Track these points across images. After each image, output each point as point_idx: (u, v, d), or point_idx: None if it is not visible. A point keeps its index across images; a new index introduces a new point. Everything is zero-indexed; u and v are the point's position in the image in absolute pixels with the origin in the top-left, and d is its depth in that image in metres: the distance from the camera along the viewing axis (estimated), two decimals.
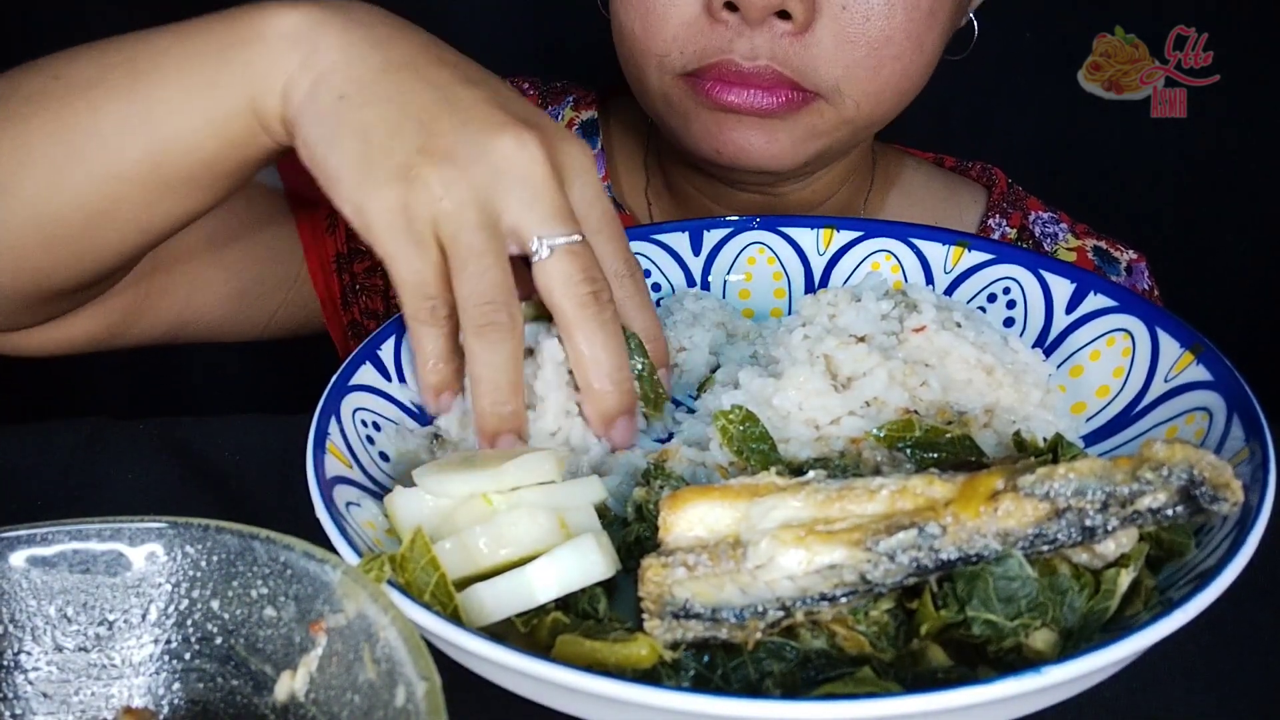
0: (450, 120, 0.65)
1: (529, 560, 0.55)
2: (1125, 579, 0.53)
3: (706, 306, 0.83)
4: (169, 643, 0.50)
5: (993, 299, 0.82)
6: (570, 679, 0.47)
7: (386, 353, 0.73)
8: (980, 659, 0.52)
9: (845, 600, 0.52)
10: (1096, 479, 0.52)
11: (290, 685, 0.48)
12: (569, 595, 0.55)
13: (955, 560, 0.52)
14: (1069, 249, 1.14)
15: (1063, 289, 0.79)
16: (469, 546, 0.56)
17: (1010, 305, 0.82)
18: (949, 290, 0.84)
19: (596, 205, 0.69)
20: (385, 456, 0.68)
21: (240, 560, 0.49)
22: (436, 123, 0.65)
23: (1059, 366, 0.76)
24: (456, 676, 0.49)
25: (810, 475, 0.56)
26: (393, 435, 0.69)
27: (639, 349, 0.70)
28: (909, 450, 0.64)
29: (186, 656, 0.50)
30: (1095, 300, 0.77)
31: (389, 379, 0.72)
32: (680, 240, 0.88)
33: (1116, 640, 0.48)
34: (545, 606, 0.55)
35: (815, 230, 0.87)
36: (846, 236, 0.87)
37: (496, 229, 0.65)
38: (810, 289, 0.86)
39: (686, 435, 0.72)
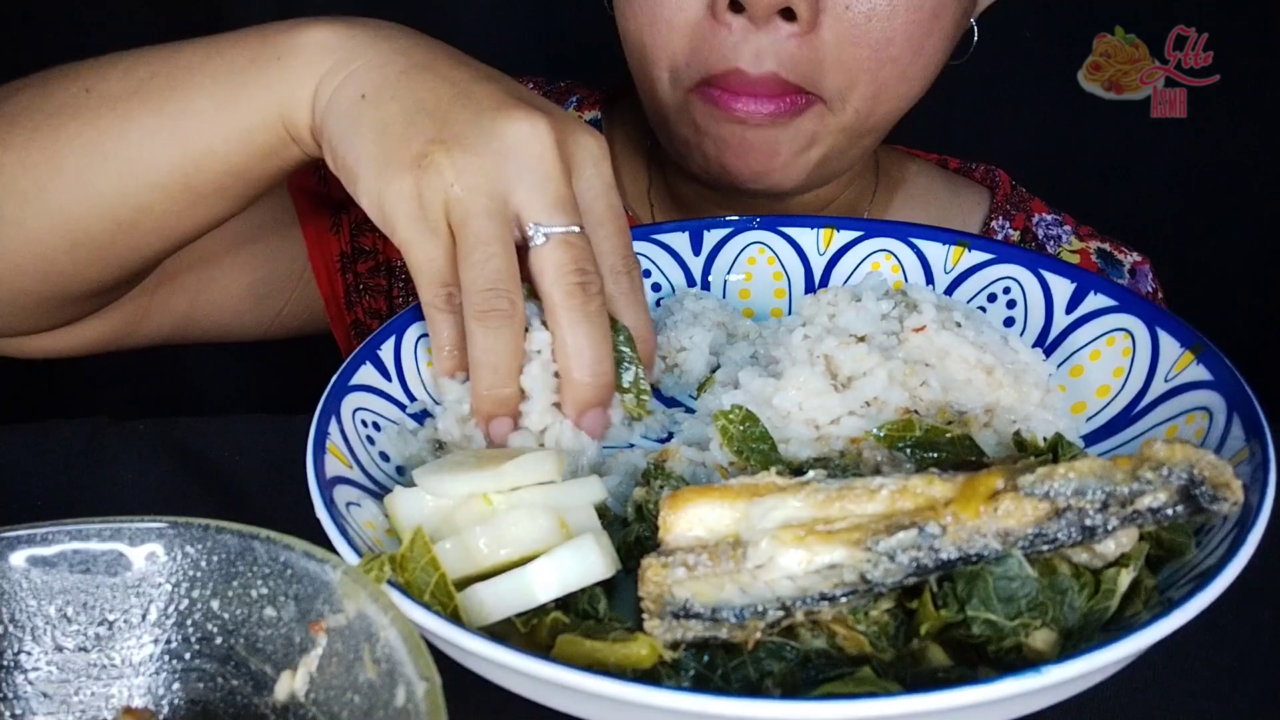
0: (464, 111, 0.67)
1: (529, 560, 0.55)
2: (1125, 579, 0.53)
3: (706, 306, 0.83)
4: (169, 643, 0.50)
5: (993, 299, 0.82)
6: (570, 679, 0.47)
7: (386, 353, 0.73)
8: (980, 659, 0.52)
9: (845, 600, 0.52)
10: (1096, 479, 0.52)
11: (290, 685, 0.48)
12: (569, 595, 0.55)
13: (955, 560, 0.52)
14: (1072, 251, 1.14)
15: (1063, 289, 0.79)
16: (469, 546, 0.56)
17: (1010, 305, 0.82)
18: (949, 290, 0.84)
19: (602, 199, 0.69)
20: (385, 456, 0.68)
21: (240, 560, 0.49)
22: (451, 113, 0.66)
23: (1059, 366, 0.76)
24: (456, 676, 0.49)
25: (810, 475, 0.56)
26: (394, 438, 0.69)
27: (628, 341, 0.70)
28: (909, 450, 0.64)
29: (186, 656, 0.50)
30: (1095, 300, 0.77)
31: (389, 379, 0.72)
32: (680, 240, 0.88)
33: (1116, 640, 0.48)
34: (545, 606, 0.55)
35: (815, 230, 0.87)
36: (846, 236, 0.87)
37: (504, 215, 0.66)
38: (810, 289, 0.86)
39: (686, 435, 0.72)
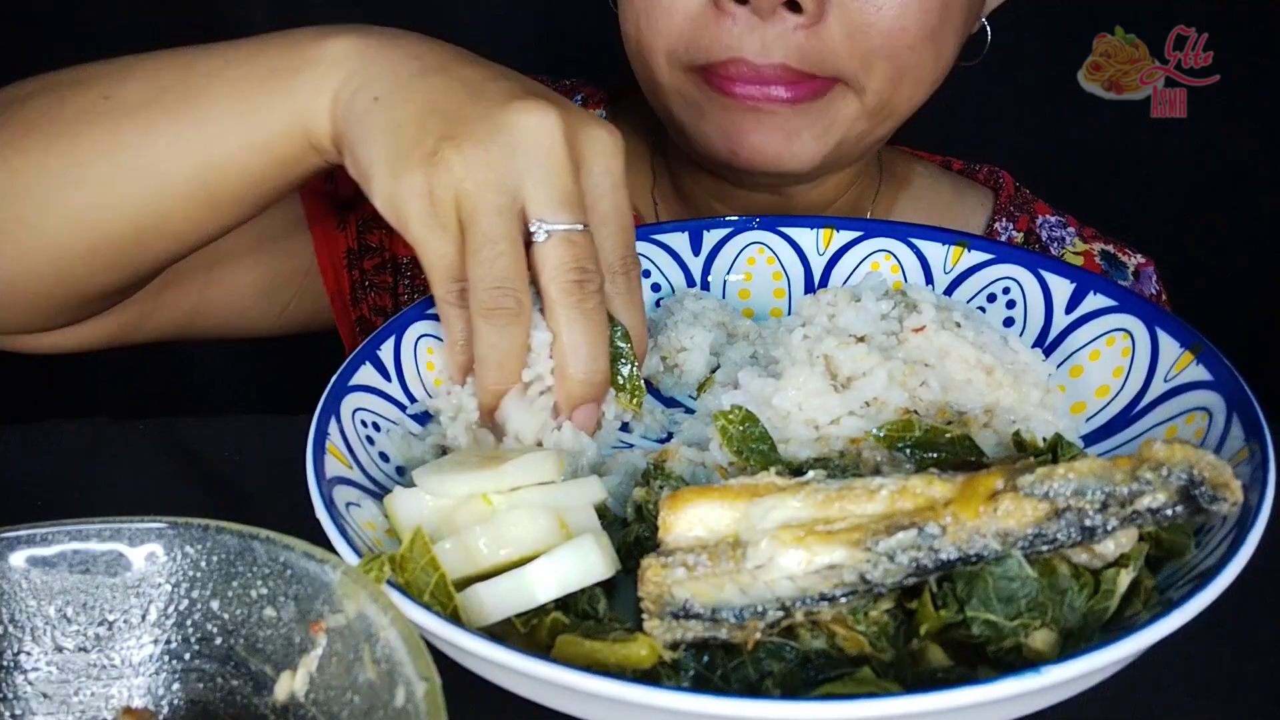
0: (476, 108, 0.67)
1: (529, 560, 0.55)
2: (1125, 579, 0.53)
3: (706, 306, 0.82)
4: (169, 643, 0.50)
5: (992, 299, 0.82)
6: (570, 679, 0.47)
7: (386, 353, 0.73)
8: (980, 659, 0.52)
9: (845, 600, 0.52)
10: (1096, 479, 0.52)
11: (290, 685, 0.48)
12: (569, 595, 0.55)
13: (955, 560, 0.52)
14: (1076, 253, 1.13)
15: (1062, 289, 0.79)
16: (469, 546, 0.56)
17: (1010, 305, 0.82)
18: (949, 290, 0.84)
19: (609, 196, 0.69)
20: (385, 457, 0.68)
21: (240, 560, 0.49)
22: (463, 110, 0.67)
23: (1059, 366, 0.76)
24: (456, 676, 0.49)
25: (810, 475, 0.56)
26: (399, 441, 0.69)
27: (625, 338, 0.70)
28: (909, 450, 0.64)
29: (186, 656, 0.50)
30: (1095, 300, 0.77)
31: (389, 379, 0.72)
32: (680, 240, 0.88)
33: (1116, 640, 0.48)
34: (545, 606, 0.55)
35: (815, 230, 0.87)
36: (846, 236, 0.87)
37: (512, 211, 0.66)
38: (810, 289, 0.86)
39: (686, 435, 0.72)
